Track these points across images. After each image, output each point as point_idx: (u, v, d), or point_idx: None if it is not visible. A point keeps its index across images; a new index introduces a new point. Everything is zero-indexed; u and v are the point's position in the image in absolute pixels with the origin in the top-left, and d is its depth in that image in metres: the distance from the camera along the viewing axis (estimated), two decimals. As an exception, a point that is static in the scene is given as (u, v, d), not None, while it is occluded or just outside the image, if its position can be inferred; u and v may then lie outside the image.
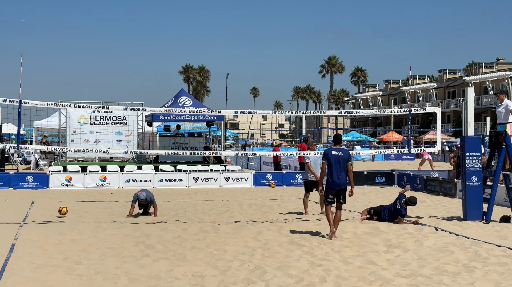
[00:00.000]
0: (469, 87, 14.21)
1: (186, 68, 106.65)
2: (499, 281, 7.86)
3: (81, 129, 27.96)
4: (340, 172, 11.44)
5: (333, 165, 11.42)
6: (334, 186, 11.45)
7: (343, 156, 11.45)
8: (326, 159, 11.52)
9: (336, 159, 11.45)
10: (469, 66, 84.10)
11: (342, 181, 11.46)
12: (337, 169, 11.43)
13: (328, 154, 11.54)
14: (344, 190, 11.55)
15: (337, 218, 11.48)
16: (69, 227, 12.44)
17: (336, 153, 11.48)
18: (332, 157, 11.47)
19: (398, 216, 13.05)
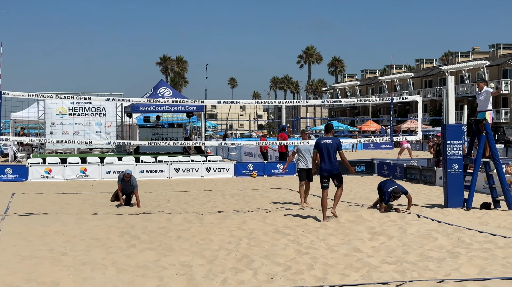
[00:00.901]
0: (449, 76, 14.35)
1: (164, 59, 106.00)
2: (483, 266, 7.98)
3: (60, 121, 27.67)
4: (331, 159, 12.09)
5: (324, 152, 12.12)
6: (326, 172, 12.11)
7: (332, 144, 12.13)
8: (317, 148, 12.24)
9: (326, 147, 12.12)
10: (445, 55, 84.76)
11: (334, 167, 12.11)
12: (328, 156, 12.13)
13: (319, 143, 12.27)
14: (338, 174, 12.21)
15: (337, 195, 12.28)
16: (52, 218, 12.34)
17: (326, 141, 12.19)
18: (323, 145, 12.14)
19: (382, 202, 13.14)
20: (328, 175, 12.18)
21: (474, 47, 74.71)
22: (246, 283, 7.30)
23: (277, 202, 15.58)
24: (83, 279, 7.39)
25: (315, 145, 12.41)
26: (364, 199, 16.02)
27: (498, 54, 65.03)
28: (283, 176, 23.82)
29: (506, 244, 9.43)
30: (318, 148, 12.24)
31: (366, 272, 7.80)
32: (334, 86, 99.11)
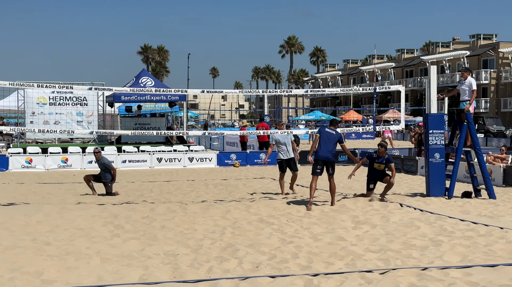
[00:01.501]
0: (431, 66, 14.42)
1: (145, 48, 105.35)
2: (465, 254, 8.07)
3: (40, 110, 27.41)
4: (329, 147, 12.53)
5: (324, 139, 12.57)
6: (322, 157, 12.50)
7: (334, 135, 12.65)
8: (319, 133, 12.78)
9: (327, 135, 12.63)
10: (426, 45, 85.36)
11: (330, 155, 12.57)
12: (327, 144, 12.54)
13: (322, 130, 12.84)
14: (332, 163, 12.63)
15: (332, 189, 12.67)
16: (34, 208, 12.24)
17: (329, 131, 12.77)
18: (325, 132, 12.67)
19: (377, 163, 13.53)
20: (323, 161, 12.48)
21: (454, 38, 75.33)
22: (232, 271, 7.31)
23: (261, 192, 15.60)
24: (67, 268, 7.36)
25: (318, 130, 13.06)
26: (347, 189, 16.11)
27: (478, 45, 65.55)
28: (266, 165, 23.81)
29: (487, 232, 9.54)
30: (320, 133, 12.75)
31: (350, 261, 7.85)
32: (316, 76, 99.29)
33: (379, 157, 13.48)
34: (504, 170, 16.52)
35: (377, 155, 13.49)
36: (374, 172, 13.56)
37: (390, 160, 13.47)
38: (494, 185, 15.67)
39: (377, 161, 13.47)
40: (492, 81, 62.62)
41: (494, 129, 46.68)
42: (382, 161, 13.45)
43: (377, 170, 13.50)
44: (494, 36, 66.67)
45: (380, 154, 13.44)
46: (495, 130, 46.33)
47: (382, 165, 13.47)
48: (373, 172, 13.58)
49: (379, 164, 13.46)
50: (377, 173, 13.54)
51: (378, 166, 13.47)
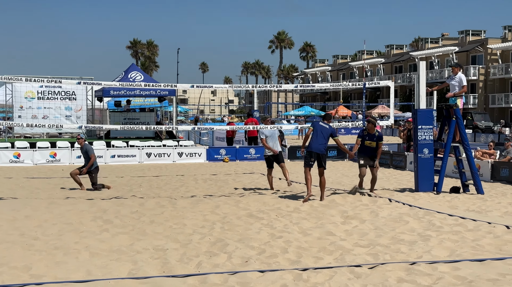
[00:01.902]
0: (420, 61, 14.47)
1: (134, 43, 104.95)
2: (454, 249, 8.12)
3: (29, 104, 27.25)
4: (322, 141, 12.64)
5: (318, 132, 12.67)
6: (315, 149, 12.59)
7: (327, 129, 12.78)
8: (313, 126, 12.90)
9: (321, 128, 12.74)
10: (415, 41, 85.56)
11: (323, 148, 12.68)
12: (320, 137, 12.64)
13: (316, 124, 12.93)
14: (324, 156, 12.72)
15: (322, 184, 12.69)
16: (22, 203, 12.19)
17: (322, 125, 12.88)
18: (319, 126, 12.78)
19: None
20: (316, 153, 12.57)
21: (443, 34, 75.57)
22: (221, 266, 7.31)
23: (250, 187, 15.61)
24: (56, 263, 7.33)
25: (312, 123, 13.21)
26: (336, 184, 16.15)
27: (467, 41, 65.83)
28: (255, 161, 23.87)
29: (475, 227, 9.61)
30: (313, 126, 12.87)
31: (339, 255, 7.87)
32: (306, 72, 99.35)
33: (369, 134, 13.31)
34: (492, 165, 16.62)
35: (367, 132, 13.33)
36: (366, 149, 13.42)
37: (380, 138, 13.34)
38: (482, 180, 15.77)
39: (368, 138, 13.32)
40: (480, 77, 62.95)
41: (482, 125, 46.97)
42: (373, 138, 13.29)
43: (368, 147, 13.36)
44: (483, 33, 66.97)
45: (369, 130, 13.29)
46: (483, 126, 46.61)
47: (373, 142, 13.31)
48: (364, 150, 13.44)
49: (370, 141, 13.32)
50: (369, 151, 13.39)
51: (369, 143, 13.32)
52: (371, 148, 13.35)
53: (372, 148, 13.34)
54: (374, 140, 13.31)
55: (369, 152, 13.40)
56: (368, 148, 13.38)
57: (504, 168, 16.30)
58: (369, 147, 13.36)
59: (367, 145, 13.36)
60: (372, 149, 13.35)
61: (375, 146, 13.30)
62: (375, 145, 13.30)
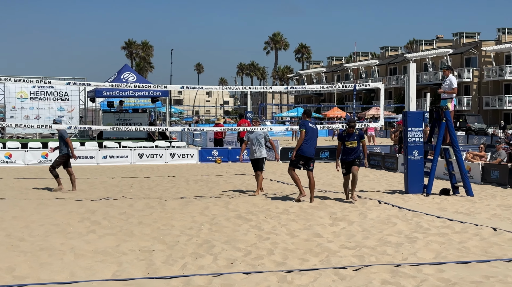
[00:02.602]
0: (411, 63, 14.50)
1: (129, 43, 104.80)
2: (439, 251, 8.13)
3: (21, 105, 27.20)
4: (316, 143, 12.80)
5: (311, 135, 12.62)
6: (310, 154, 12.67)
7: (316, 129, 12.90)
8: (305, 129, 12.60)
9: (313, 130, 12.74)
10: (410, 43, 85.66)
11: (314, 152, 12.80)
12: (314, 140, 12.70)
13: (307, 126, 12.68)
14: (313, 159, 12.83)
15: (312, 185, 12.74)
16: (10, 203, 12.15)
17: (312, 126, 12.81)
18: (310, 128, 12.68)
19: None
20: (306, 158, 12.65)
21: (438, 36, 75.75)
22: (206, 268, 7.30)
23: (241, 188, 15.61)
24: (40, 264, 7.30)
25: (302, 124, 12.81)
26: (327, 185, 16.16)
27: (461, 43, 66.01)
28: (248, 162, 23.78)
29: (463, 229, 9.62)
30: (306, 128, 12.60)
31: (325, 257, 7.87)
32: (301, 73, 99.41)
33: (349, 134, 12.84)
34: (483, 167, 16.66)
35: (347, 133, 12.86)
36: (347, 152, 12.86)
37: (361, 135, 12.94)
38: (472, 182, 15.82)
39: (348, 139, 12.84)
40: (474, 79, 63.10)
41: (475, 127, 47.06)
42: (354, 138, 12.83)
43: (350, 149, 12.84)
44: (477, 35, 67.15)
45: (349, 131, 12.83)
46: (477, 128, 46.71)
47: (354, 141, 12.85)
48: (346, 152, 12.90)
49: (351, 142, 12.83)
50: (351, 153, 12.82)
51: (350, 144, 12.82)
52: (353, 148, 12.84)
53: (354, 149, 12.83)
54: (354, 139, 12.82)
55: (351, 154, 12.86)
56: (350, 149, 12.86)
57: (495, 170, 16.34)
58: (350, 147, 12.86)
59: (348, 146, 12.88)
60: (354, 150, 12.84)
61: (356, 145, 12.83)
62: (356, 144, 12.82)
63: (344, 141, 12.88)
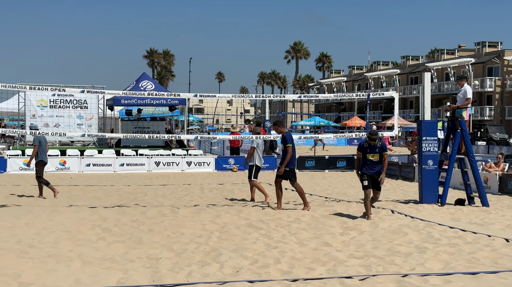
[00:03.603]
0: (425, 72, 14.39)
1: (151, 52, 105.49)
2: (448, 261, 8.03)
3: (41, 113, 27.49)
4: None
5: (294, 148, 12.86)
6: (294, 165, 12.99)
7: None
8: (292, 142, 12.74)
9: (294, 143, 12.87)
10: (432, 52, 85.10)
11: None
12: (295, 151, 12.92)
13: (292, 139, 12.83)
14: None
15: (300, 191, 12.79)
16: (24, 210, 12.26)
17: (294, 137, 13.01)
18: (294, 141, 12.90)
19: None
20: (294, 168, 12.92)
21: (460, 45, 75.14)
22: (211, 276, 7.29)
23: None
24: (47, 271, 7.35)
25: (292, 139, 12.85)
26: (342, 195, 16.07)
27: (483, 52, 65.38)
28: (264, 170, 23.80)
29: (474, 240, 9.50)
30: (293, 143, 12.78)
31: (332, 266, 7.81)
32: (321, 82, 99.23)
33: (370, 146, 11.81)
34: (500, 177, 16.44)
35: (368, 144, 11.84)
36: (369, 164, 11.83)
37: (384, 149, 11.88)
38: (489, 193, 15.66)
39: (369, 150, 11.82)
40: (496, 89, 62.41)
41: (497, 137, 46.52)
42: (375, 150, 11.80)
43: (372, 161, 11.81)
44: (499, 44, 66.48)
45: (371, 142, 11.82)
46: (498, 138, 46.16)
47: (376, 154, 11.82)
48: (367, 165, 11.83)
49: (372, 154, 11.82)
50: (373, 166, 11.79)
51: (372, 157, 11.80)
52: (375, 162, 11.83)
53: (376, 162, 11.82)
54: (376, 152, 11.81)
55: (373, 167, 11.81)
56: (372, 162, 11.83)
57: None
58: (372, 160, 11.85)
59: (369, 158, 11.85)
60: (376, 163, 11.82)
61: (378, 159, 11.84)
62: (378, 158, 11.83)
63: (365, 153, 11.90)
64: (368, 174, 11.78)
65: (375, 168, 11.81)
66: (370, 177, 11.78)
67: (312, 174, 23.12)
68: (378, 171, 11.82)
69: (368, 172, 11.79)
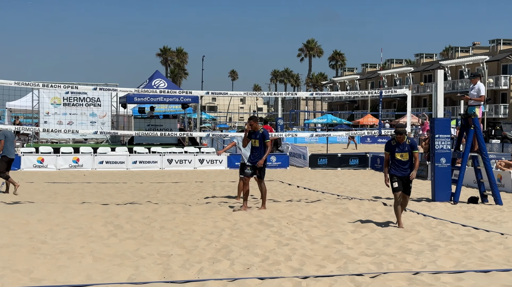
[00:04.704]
0: (439, 70, 14.30)
1: (164, 50, 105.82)
2: (460, 259, 7.98)
3: (54, 110, 27.63)
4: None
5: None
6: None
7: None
8: (269, 138, 12.55)
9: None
10: (446, 50, 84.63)
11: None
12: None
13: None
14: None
15: (264, 190, 12.66)
16: (37, 207, 12.34)
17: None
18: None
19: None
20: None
21: (474, 42, 74.59)
22: (222, 273, 7.29)
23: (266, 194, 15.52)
24: (58, 267, 7.39)
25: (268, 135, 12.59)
26: (354, 192, 16.02)
27: (498, 50, 64.90)
28: (276, 168, 23.83)
29: (487, 238, 9.43)
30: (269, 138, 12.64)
31: (343, 264, 7.79)
32: (334, 80, 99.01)
33: (398, 143, 10.38)
34: (514, 175, 16.30)
35: (396, 142, 10.41)
36: (398, 165, 10.40)
37: (414, 146, 10.40)
38: (503, 191, 15.54)
39: (398, 149, 10.38)
40: (511, 87, 61.91)
41: (511, 135, 46.14)
42: (404, 149, 10.35)
43: (401, 162, 10.37)
44: (514, 41, 65.93)
45: (399, 140, 10.37)
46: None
47: (405, 153, 10.36)
48: (396, 166, 10.41)
49: (401, 153, 10.37)
50: (402, 167, 10.36)
51: (400, 156, 10.36)
52: (405, 161, 10.37)
53: (406, 162, 10.37)
54: (406, 150, 10.34)
55: (402, 168, 10.38)
56: (400, 162, 10.39)
57: (526, 178, 15.97)
58: (401, 160, 10.38)
59: (398, 158, 10.38)
60: (406, 163, 10.37)
61: (408, 158, 10.36)
62: (408, 157, 10.35)
63: (393, 152, 10.46)
64: (398, 175, 10.41)
65: (405, 169, 10.39)
66: (400, 179, 10.43)
67: (325, 171, 23.07)
68: (408, 172, 10.39)
69: (397, 174, 10.41)
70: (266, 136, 12.43)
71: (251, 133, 12.57)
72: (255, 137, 12.48)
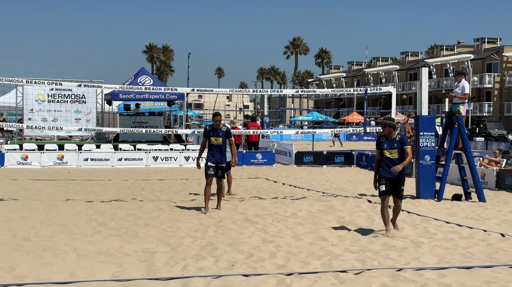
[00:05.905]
0: (423, 68, 14.39)
1: (150, 47, 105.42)
2: (443, 256, 8.04)
3: (39, 107, 27.41)
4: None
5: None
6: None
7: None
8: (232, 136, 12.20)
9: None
10: (431, 48, 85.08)
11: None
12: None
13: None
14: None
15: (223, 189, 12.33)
16: (21, 204, 12.26)
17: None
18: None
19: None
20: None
21: (459, 41, 75.10)
22: (206, 270, 7.29)
23: (252, 191, 15.59)
24: (41, 264, 7.35)
25: (230, 133, 12.09)
26: (339, 190, 16.06)
27: (483, 48, 65.36)
28: (262, 165, 23.84)
29: (470, 235, 9.51)
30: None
31: (327, 261, 7.82)
32: (320, 78, 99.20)
33: (388, 140, 9.42)
34: (497, 173, 16.45)
35: (385, 138, 9.46)
36: (387, 164, 9.40)
37: (404, 142, 9.34)
38: (487, 188, 15.66)
39: (387, 145, 9.40)
40: (495, 85, 62.42)
41: (495, 133, 46.52)
42: (393, 145, 9.35)
43: (390, 159, 9.37)
44: (499, 40, 66.42)
45: (387, 134, 9.43)
46: (497, 134, 46.16)
47: (394, 150, 9.36)
48: (385, 165, 9.42)
49: (389, 150, 9.39)
50: (391, 166, 9.34)
51: (389, 153, 9.38)
52: (393, 159, 9.34)
53: (395, 160, 9.33)
54: (395, 147, 9.33)
55: (390, 169, 9.37)
56: (390, 160, 9.37)
57: (509, 176, 16.12)
58: (390, 158, 9.37)
59: (387, 155, 9.39)
60: (395, 162, 9.32)
61: (398, 156, 9.32)
62: (397, 155, 9.32)
63: (382, 149, 9.47)
64: (387, 177, 9.43)
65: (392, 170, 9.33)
66: (389, 181, 9.44)
67: (310, 169, 23.11)
68: (400, 175, 9.45)
69: (386, 175, 9.42)
70: (230, 134, 12.03)
71: (212, 131, 11.96)
72: (218, 135, 11.90)
